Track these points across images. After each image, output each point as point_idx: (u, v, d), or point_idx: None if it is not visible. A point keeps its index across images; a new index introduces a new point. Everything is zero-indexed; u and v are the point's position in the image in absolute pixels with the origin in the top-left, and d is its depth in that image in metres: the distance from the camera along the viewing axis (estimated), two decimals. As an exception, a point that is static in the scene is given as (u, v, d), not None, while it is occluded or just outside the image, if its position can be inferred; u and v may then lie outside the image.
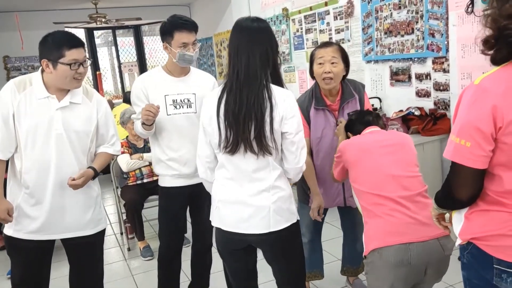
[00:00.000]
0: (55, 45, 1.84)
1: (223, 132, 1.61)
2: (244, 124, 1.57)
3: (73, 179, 1.91)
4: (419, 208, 1.67)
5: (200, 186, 2.34)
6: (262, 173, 1.65)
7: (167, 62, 2.33)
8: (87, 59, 1.92)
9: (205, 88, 2.34)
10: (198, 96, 2.30)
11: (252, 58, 1.58)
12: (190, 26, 2.21)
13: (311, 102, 2.25)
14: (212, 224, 1.78)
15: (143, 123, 2.16)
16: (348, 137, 2.08)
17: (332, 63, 2.16)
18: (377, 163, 1.78)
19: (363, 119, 2.03)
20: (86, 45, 1.95)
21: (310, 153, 2.28)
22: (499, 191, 1.20)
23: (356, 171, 1.84)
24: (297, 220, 1.76)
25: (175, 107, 2.26)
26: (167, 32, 2.22)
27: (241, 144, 1.59)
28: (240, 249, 1.77)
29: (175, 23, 2.20)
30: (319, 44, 2.32)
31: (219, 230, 1.76)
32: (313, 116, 2.24)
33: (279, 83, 1.67)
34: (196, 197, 2.41)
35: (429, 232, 1.62)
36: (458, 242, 1.31)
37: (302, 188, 2.38)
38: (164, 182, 2.38)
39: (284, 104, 1.60)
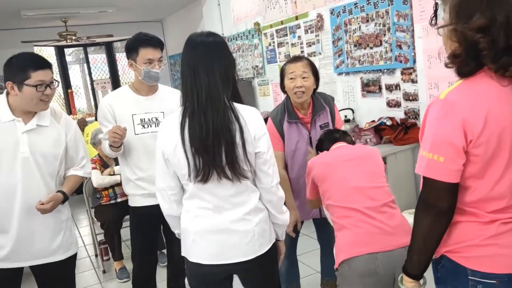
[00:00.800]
0: (20, 66, 1.79)
1: (191, 161, 1.46)
2: (214, 150, 1.44)
3: (42, 203, 1.85)
4: (385, 218, 1.69)
5: None
6: (242, 197, 1.54)
7: (134, 81, 2.30)
8: (54, 81, 1.87)
9: (175, 105, 2.29)
10: (167, 114, 2.27)
11: (212, 77, 1.44)
12: (155, 42, 2.19)
13: (284, 115, 2.26)
14: (190, 260, 1.60)
15: (110, 145, 2.13)
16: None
17: (303, 77, 2.19)
18: (343, 176, 1.81)
19: (330, 137, 2.08)
20: (56, 64, 1.90)
21: (285, 166, 2.28)
22: (471, 201, 1.20)
23: (324, 185, 1.86)
24: (276, 240, 1.67)
25: (143, 126, 2.23)
26: (132, 48, 2.19)
27: (213, 171, 1.46)
28: (218, 281, 1.64)
29: (140, 39, 2.18)
30: (290, 58, 2.34)
31: (195, 265, 1.58)
32: (287, 130, 2.26)
33: (238, 99, 1.55)
34: None
35: (395, 241, 1.64)
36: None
37: None
38: (134, 202, 2.34)
39: (253, 123, 1.50)
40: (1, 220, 1.86)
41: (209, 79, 1.45)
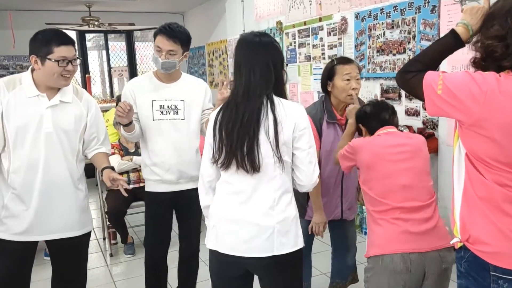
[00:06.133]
0: (45, 41, 1.83)
1: (216, 147, 1.57)
2: (237, 141, 1.51)
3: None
4: (424, 220, 1.71)
5: (186, 193, 2.35)
6: (269, 190, 1.54)
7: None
8: (76, 58, 1.90)
9: (196, 94, 2.37)
10: (188, 102, 2.32)
11: (253, 75, 1.52)
12: (169, 33, 2.19)
13: (323, 115, 2.25)
14: (207, 246, 1.63)
15: (118, 123, 2.18)
16: (359, 128, 2.03)
17: (357, 79, 2.20)
18: (390, 171, 1.76)
19: (379, 116, 1.90)
20: (76, 46, 1.94)
21: (319, 165, 2.28)
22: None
23: (367, 174, 1.82)
24: (302, 247, 1.62)
25: (162, 112, 2.28)
26: (153, 36, 2.27)
27: (232, 160, 1.53)
28: (237, 277, 1.62)
29: (160, 27, 2.23)
30: (339, 58, 2.31)
31: (214, 253, 1.61)
32: (325, 130, 2.25)
33: (283, 96, 1.60)
34: (183, 204, 2.41)
35: (431, 243, 1.68)
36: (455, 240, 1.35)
37: (298, 201, 2.36)
38: (148, 186, 2.40)
39: (294, 117, 1.53)
40: (23, 194, 1.89)
41: (250, 77, 1.53)
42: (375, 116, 1.91)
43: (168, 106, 2.28)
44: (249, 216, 1.54)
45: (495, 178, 1.24)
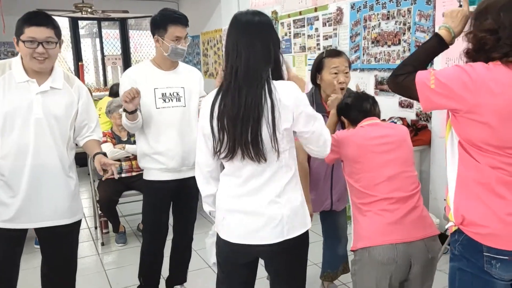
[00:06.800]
0: (20, 21, 1.81)
1: (217, 136, 1.48)
2: (242, 127, 1.43)
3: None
4: (409, 210, 1.71)
5: (186, 181, 2.35)
6: (275, 177, 1.52)
7: (156, 56, 2.33)
8: (51, 41, 1.82)
9: (193, 82, 2.37)
10: (187, 89, 2.32)
11: (253, 55, 1.44)
12: (184, 20, 2.24)
13: (313, 108, 2.23)
14: (220, 236, 1.62)
15: (124, 110, 2.14)
16: (341, 121, 2.01)
17: (345, 72, 2.16)
18: (375, 163, 1.76)
19: (361, 107, 1.89)
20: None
21: (308, 158, 2.27)
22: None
23: (353, 167, 1.81)
24: (308, 230, 1.62)
25: (164, 100, 2.26)
26: (160, 25, 2.21)
27: (238, 149, 1.46)
28: (243, 264, 1.64)
29: (170, 16, 2.20)
30: (327, 51, 2.28)
31: (225, 242, 1.60)
32: None
33: (280, 79, 1.54)
34: (182, 192, 2.41)
35: (416, 233, 1.68)
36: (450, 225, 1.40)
37: None
38: (149, 175, 2.36)
39: (290, 98, 1.46)
40: (11, 180, 1.86)
41: (250, 55, 1.44)
42: (357, 107, 1.90)
43: (170, 93, 2.27)
44: (257, 206, 1.53)
45: (488, 162, 1.30)
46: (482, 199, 1.32)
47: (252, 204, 1.53)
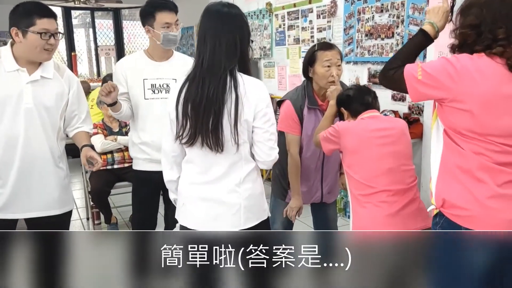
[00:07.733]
0: (26, 13, 1.79)
1: (180, 121, 1.53)
2: (203, 116, 1.48)
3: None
4: (406, 202, 1.76)
5: None
6: (235, 167, 1.57)
7: (149, 46, 2.33)
8: (59, 32, 1.86)
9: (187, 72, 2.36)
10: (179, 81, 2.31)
11: (218, 46, 1.48)
12: (171, 5, 2.22)
13: (304, 101, 2.22)
14: (179, 222, 1.68)
15: (102, 102, 2.18)
16: (340, 112, 2.03)
17: (338, 65, 2.16)
18: (374, 155, 1.78)
19: (362, 99, 1.92)
20: (61, 25, 1.90)
21: (300, 150, 2.28)
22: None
23: (352, 158, 1.83)
24: (268, 217, 1.69)
25: (153, 91, 2.25)
26: (148, 13, 2.20)
27: (198, 136, 1.51)
28: None
29: (156, 3, 2.19)
30: (320, 44, 2.28)
31: (183, 228, 1.65)
32: (306, 115, 2.23)
33: (247, 73, 1.58)
34: None
35: (414, 225, 1.73)
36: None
37: (280, 183, 2.36)
38: (137, 165, 2.38)
39: (255, 94, 1.52)
40: (2, 169, 1.86)
41: (215, 46, 1.48)
42: (358, 100, 1.93)
43: (160, 85, 2.26)
44: (216, 194, 1.58)
45: (472, 148, 1.38)
46: (463, 183, 1.39)
47: (212, 192, 1.58)
